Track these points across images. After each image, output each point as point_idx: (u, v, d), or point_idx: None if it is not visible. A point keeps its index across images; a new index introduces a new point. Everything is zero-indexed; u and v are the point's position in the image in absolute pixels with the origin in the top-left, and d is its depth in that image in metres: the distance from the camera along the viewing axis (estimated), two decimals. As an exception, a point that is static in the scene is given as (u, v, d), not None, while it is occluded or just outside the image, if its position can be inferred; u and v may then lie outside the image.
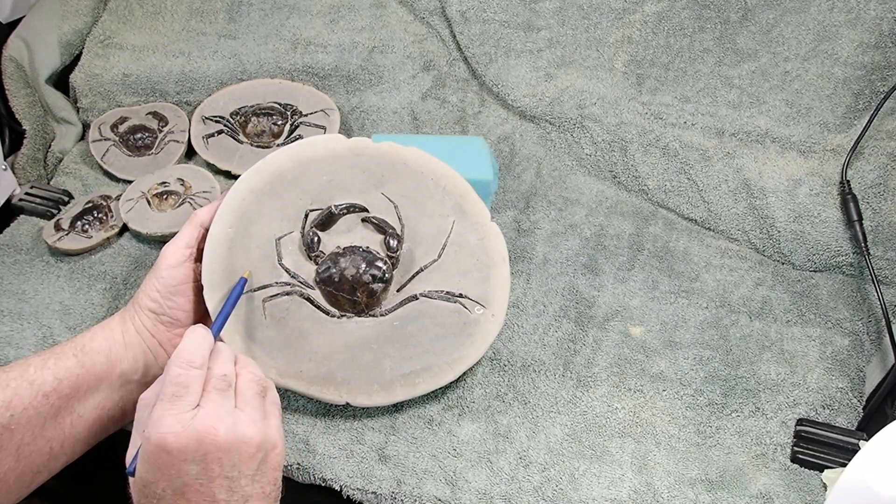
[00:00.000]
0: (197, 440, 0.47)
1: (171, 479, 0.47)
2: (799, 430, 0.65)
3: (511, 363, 0.70)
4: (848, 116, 0.79)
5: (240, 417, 0.49)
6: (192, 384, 0.49)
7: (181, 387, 0.49)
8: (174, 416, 0.47)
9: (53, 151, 0.91)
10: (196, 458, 0.47)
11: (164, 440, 0.46)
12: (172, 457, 0.46)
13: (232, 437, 0.48)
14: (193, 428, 0.47)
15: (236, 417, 0.49)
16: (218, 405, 0.49)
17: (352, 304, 0.64)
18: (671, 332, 0.72)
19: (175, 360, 0.50)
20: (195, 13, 0.97)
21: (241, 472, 0.48)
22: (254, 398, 0.52)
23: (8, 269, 0.78)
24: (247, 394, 0.52)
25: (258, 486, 0.49)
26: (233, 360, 0.53)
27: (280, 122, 0.89)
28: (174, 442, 0.46)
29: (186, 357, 0.50)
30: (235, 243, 0.64)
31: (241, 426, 0.49)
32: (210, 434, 0.47)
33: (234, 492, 0.48)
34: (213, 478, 0.47)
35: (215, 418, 0.48)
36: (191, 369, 0.50)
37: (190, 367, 0.50)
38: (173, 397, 0.48)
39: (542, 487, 0.61)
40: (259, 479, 0.50)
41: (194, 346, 0.51)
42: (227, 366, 0.52)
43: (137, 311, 0.62)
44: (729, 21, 0.83)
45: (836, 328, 0.73)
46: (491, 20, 0.91)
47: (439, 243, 0.67)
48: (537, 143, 0.90)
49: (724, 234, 0.82)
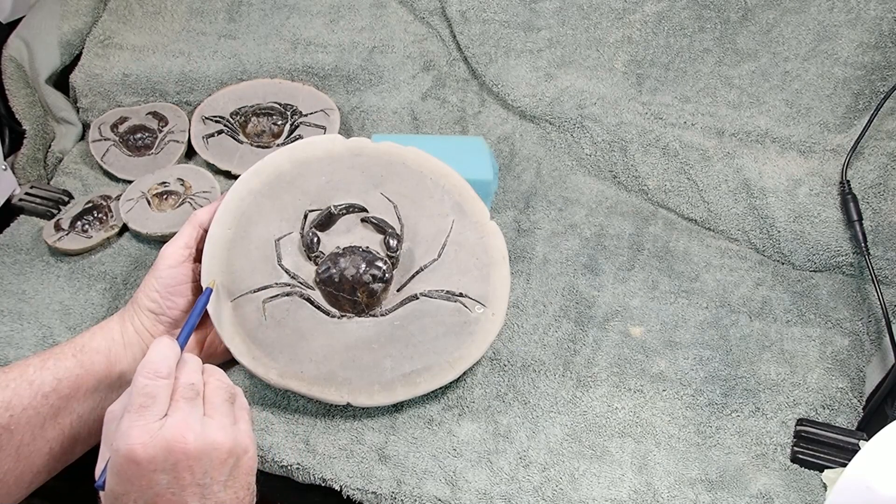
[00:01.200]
0: (166, 449, 0.46)
1: (142, 490, 0.47)
2: (799, 430, 0.65)
3: (511, 363, 0.70)
4: (848, 116, 0.79)
5: (209, 424, 0.49)
6: (160, 394, 0.49)
7: (148, 397, 0.48)
8: (141, 426, 0.47)
9: (53, 151, 0.91)
10: (166, 467, 0.47)
11: (133, 451, 0.46)
12: (142, 467, 0.46)
13: (202, 444, 0.48)
14: (162, 437, 0.47)
15: (205, 424, 0.49)
16: (186, 413, 0.49)
17: (352, 304, 0.64)
18: (671, 332, 0.72)
19: (141, 371, 0.49)
20: (195, 13, 0.97)
21: (213, 479, 0.48)
22: (222, 404, 0.51)
23: (8, 269, 0.78)
24: (215, 401, 0.51)
25: (231, 492, 0.49)
26: (200, 370, 0.53)
27: (280, 122, 0.89)
28: (143, 452, 0.46)
29: (153, 367, 0.50)
30: (234, 244, 0.64)
31: (211, 433, 0.48)
32: (179, 442, 0.47)
33: (207, 498, 0.48)
34: (185, 486, 0.47)
35: (184, 426, 0.48)
36: (158, 379, 0.49)
37: (157, 378, 0.49)
38: (140, 408, 0.48)
39: (542, 487, 0.61)
40: (232, 484, 0.49)
41: (161, 356, 0.50)
42: (194, 375, 0.52)
43: (137, 311, 0.62)
44: (729, 21, 0.83)
45: (836, 328, 0.73)
46: (491, 20, 0.90)
47: (439, 243, 0.67)
48: (537, 143, 0.90)
49: (724, 234, 0.82)
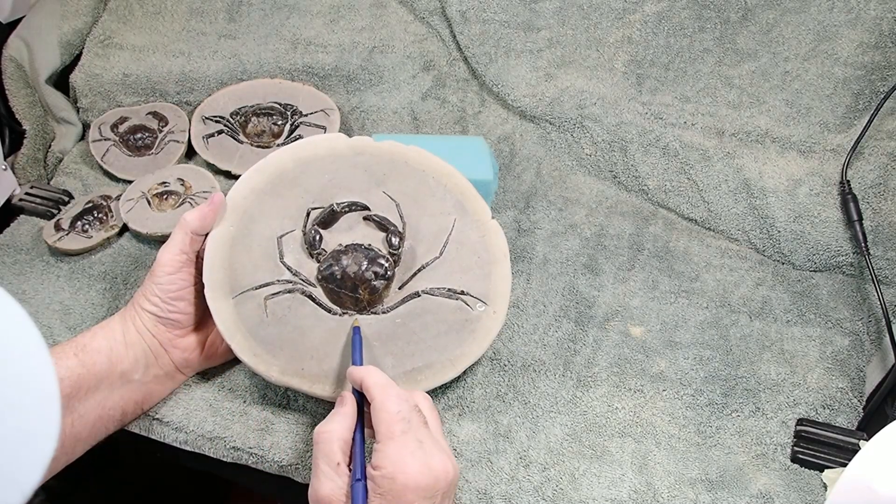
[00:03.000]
0: (434, 477, 0.51)
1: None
2: (799, 430, 0.65)
3: (511, 363, 0.70)
4: (848, 116, 0.79)
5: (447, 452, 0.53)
6: (413, 418, 0.53)
7: (405, 423, 0.52)
8: (412, 453, 0.51)
9: (53, 151, 0.91)
10: (434, 492, 0.51)
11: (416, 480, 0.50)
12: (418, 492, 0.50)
13: (454, 468, 0.53)
14: (430, 465, 0.51)
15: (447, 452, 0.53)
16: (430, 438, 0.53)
17: (354, 301, 0.64)
18: (671, 332, 0.72)
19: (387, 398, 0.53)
20: (195, 13, 0.97)
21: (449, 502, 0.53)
22: (438, 428, 0.56)
23: (8, 269, 0.78)
24: (434, 425, 0.55)
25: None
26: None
27: (280, 122, 0.89)
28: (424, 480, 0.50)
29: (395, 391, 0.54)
30: (237, 242, 0.64)
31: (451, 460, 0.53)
32: (444, 470, 0.51)
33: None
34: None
35: (440, 453, 0.52)
36: (405, 402, 0.53)
37: (404, 402, 0.53)
38: (403, 434, 0.52)
39: (542, 487, 0.61)
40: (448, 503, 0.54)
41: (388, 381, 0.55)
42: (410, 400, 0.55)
43: (138, 311, 0.62)
44: (729, 21, 0.83)
45: (836, 328, 0.73)
46: (491, 20, 0.91)
47: (441, 241, 0.67)
48: (537, 143, 0.90)
49: (724, 234, 0.82)
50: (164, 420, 0.65)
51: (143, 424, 0.65)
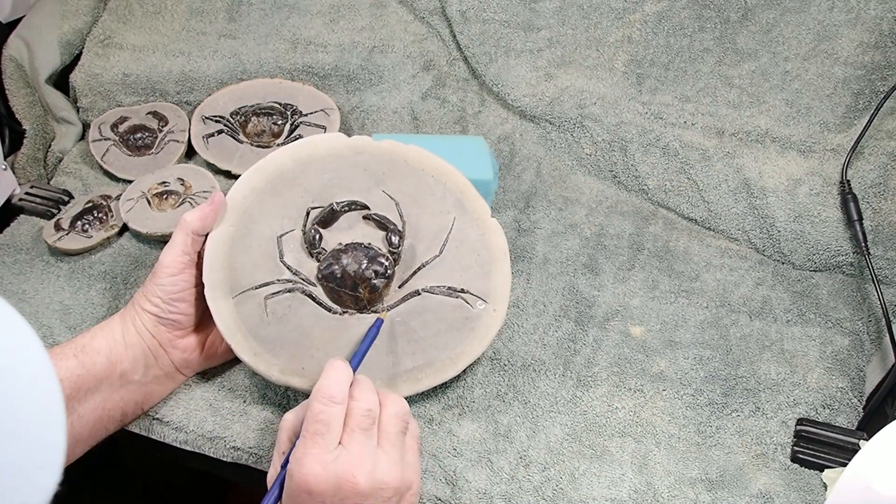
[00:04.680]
0: (336, 485, 0.48)
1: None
2: (799, 429, 0.65)
3: (511, 363, 0.70)
4: (848, 116, 0.79)
5: (380, 462, 0.50)
6: (333, 421, 0.50)
7: (322, 424, 0.50)
8: (315, 456, 0.49)
9: (53, 151, 0.91)
10: (335, 501, 0.49)
11: (306, 481, 0.48)
12: (313, 497, 0.48)
13: (371, 483, 0.49)
14: (334, 472, 0.48)
15: (377, 462, 0.50)
16: (360, 447, 0.50)
17: (354, 300, 0.64)
18: (671, 331, 0.72)
19: (316, 396, 0.51)
20: (195, 13, 0.97)
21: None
22: (396, 436, 0.52)
23: (8, 269, 0.77)
24: (389, 431, 0.52)
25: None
26: (374, 391, 0.53)
27: (280, 122, 0.89)
28: (314, 484, 0.48)
29: (327, 392, 0.51)
30: (237, 241, 0.64)
31: (381, 472, 0.50)
32: (349, 481, 0.49)
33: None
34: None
35: (357, 463, 0.49)
36: (332, 405, 0.51)
37: (331, 403, 0.51)
38: (314, 435, 0.49)
39: (542, 487, 0.61)
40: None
41: (334, 380, 0.52)
42: (370, 398, 0.52)
43: (138, 312, 0.62)
44: (729, 21, 0.83)
45: (836, 328, 0.73)
46: (491, 20, 0.91)
47: (440, 239, 0.67)
48: (537, 143, 0.90)
49: (724, 233, 0.82)
50: (164, 420, 0.65)
51: (143, 424, 0.65)
